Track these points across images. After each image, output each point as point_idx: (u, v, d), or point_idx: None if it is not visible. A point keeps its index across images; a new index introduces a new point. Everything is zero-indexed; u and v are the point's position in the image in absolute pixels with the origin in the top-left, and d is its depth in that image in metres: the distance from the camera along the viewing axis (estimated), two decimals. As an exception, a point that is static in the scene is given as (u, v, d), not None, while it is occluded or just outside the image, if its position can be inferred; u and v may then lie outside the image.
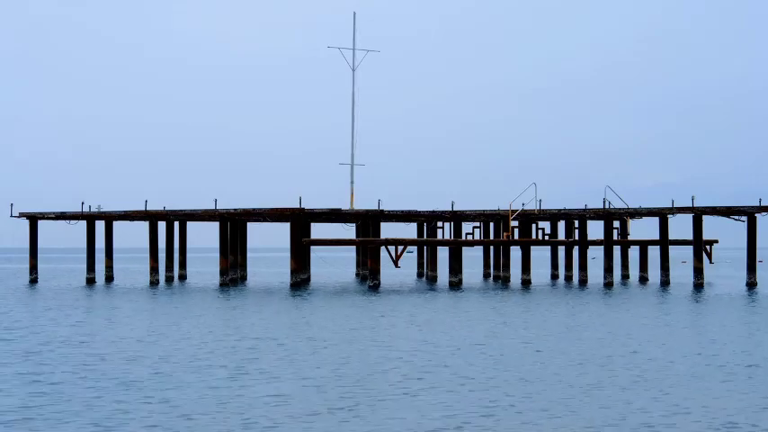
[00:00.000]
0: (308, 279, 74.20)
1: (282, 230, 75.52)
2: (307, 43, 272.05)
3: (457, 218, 72.69)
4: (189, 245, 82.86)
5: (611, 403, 20.04)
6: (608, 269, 70.15)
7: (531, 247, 72.00)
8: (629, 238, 75.92)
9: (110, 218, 74.39)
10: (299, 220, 67.60)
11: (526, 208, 69.92)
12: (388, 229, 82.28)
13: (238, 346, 30.66)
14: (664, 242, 70.07)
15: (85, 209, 73.66)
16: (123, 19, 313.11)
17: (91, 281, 75.29)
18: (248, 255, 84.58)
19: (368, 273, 67.79)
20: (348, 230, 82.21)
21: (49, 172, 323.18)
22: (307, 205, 66.85)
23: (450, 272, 69.42)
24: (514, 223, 71.23)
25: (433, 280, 76.59)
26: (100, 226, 75.46)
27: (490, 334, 34.21)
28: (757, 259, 68.46)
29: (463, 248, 70.77)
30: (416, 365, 25.68)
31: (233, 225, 73.22)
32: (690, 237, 68.44)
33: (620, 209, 69.39)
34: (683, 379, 23.30)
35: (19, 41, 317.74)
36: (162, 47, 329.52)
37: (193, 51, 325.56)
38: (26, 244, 76.08)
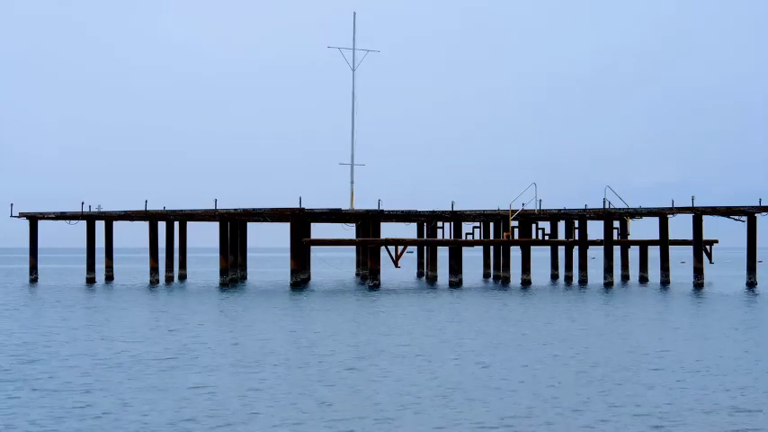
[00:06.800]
0: (308, 279, 74.17)
1: (282, 230, 75.43)
2: (307, 43, 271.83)
3: (457, 218, 72.64)
4: (189, 245, 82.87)
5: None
6: (608, 269, 70.11)
7: (531, 247, 71.96)
8: (629, 238, 75.85)
9: (110, 218, 74.36)
10: (299, 220, 67.57)
11: (526, 208, 69.87)
12: (388, 229, 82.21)
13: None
14: (664, 242, 70.02)
15: (85, 209, 73.64)
16: (122, 21, 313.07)
17: (91, 281, 75.30)
18: (248, 255, 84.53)
19: (368, 273, 67.77)
20: (348, 230, 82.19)
21: (49, 172, 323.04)
22: (307, 205, 66.88)
23: (450, 272, 69.39)
24: (514, 223, 71.20)
25: (432, 280, 76.55)
26: (100, 226, 75.47)
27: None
28: (757, 259, 68.42)
29: (463, 248, 70.74)
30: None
31: (233, 225, 73.19)
32: (690, 237, 68.40)
33: (620, 209, 69.34)
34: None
35: (19, 42, 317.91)
36: (161, 48, 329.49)
37: (193, 52, 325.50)
38: (26, 244, 76.09)
